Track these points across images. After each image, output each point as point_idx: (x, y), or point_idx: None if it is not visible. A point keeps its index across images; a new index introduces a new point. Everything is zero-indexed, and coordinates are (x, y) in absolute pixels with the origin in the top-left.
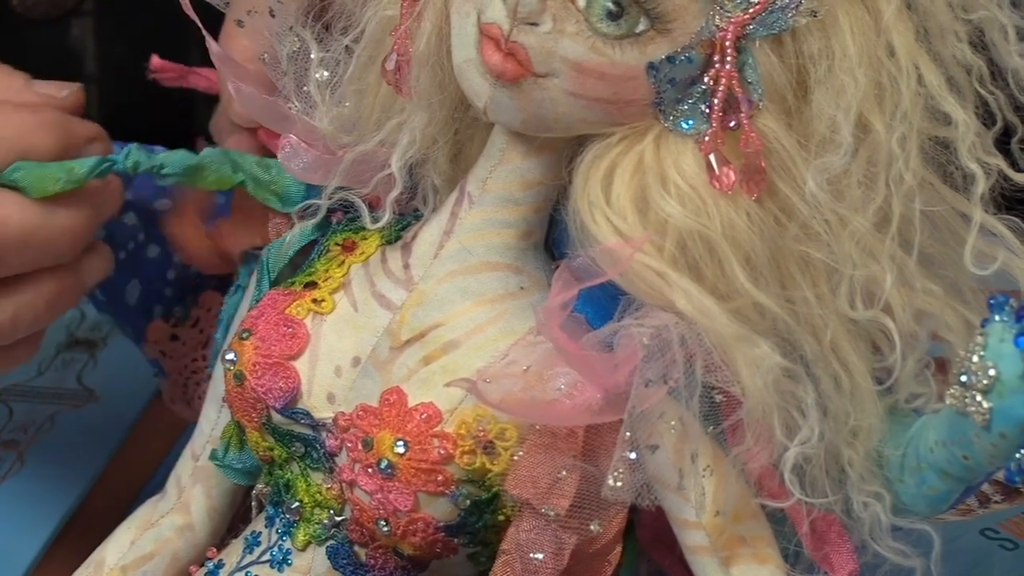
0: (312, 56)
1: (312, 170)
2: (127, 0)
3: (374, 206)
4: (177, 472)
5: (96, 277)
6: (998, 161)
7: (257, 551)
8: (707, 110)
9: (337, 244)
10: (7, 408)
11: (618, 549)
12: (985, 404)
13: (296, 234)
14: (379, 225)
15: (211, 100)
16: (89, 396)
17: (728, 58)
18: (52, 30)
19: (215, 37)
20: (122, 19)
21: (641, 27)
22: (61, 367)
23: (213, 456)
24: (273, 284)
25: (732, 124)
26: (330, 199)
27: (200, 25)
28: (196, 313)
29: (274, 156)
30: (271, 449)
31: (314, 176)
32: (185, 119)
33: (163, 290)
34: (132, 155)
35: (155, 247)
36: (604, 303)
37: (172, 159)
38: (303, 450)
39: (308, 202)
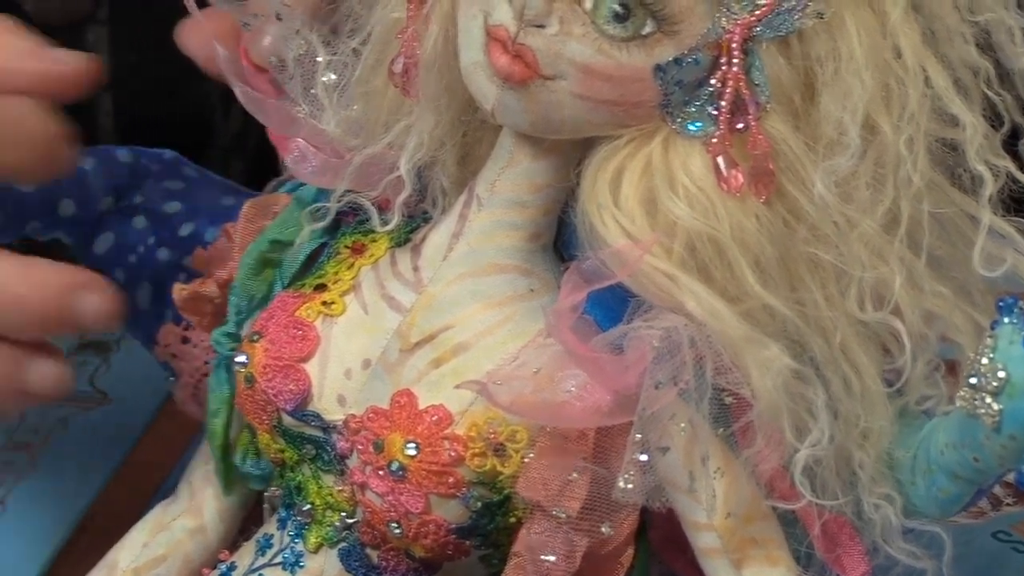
0: (319, 59)
1: (320, 173)
2: (141, 9)
3: (383, 208)
4: (189, 475)
5: (43, 388)
6: (1006, 163)
7: (269, 553)
8: (714, 112)
9: (346, 247)
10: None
11: (630, 551)
12: (995, 406)
13: (306, 237)
14: (388, 228)
15: (226, 107)
16: (102, 399)
17: (735, 60)
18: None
19: None
20: (136, 28)
21: (647, 29)
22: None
23: None
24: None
25: (740, 126)
26: (339, 202)
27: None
28: None
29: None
30: (282, 451)
31: (322, 180)
32: (199, 127)
33: None
34: None
35: (165, 251)
36: (613, 305)
37: None
38: (314, 452)
39: (317, 205)
